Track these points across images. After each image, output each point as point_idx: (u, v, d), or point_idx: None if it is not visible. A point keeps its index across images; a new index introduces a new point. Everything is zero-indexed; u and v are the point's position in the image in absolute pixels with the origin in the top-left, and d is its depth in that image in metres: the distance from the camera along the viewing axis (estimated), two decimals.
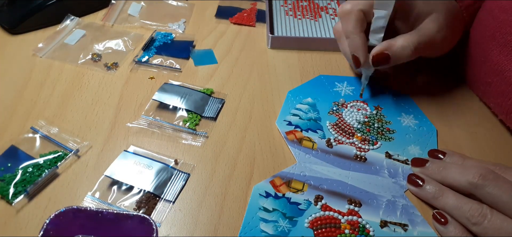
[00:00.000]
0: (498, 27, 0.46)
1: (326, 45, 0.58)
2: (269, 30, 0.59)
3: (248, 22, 0.63)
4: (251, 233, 0.37)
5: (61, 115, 0.47)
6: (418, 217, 0.39)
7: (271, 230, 0.37)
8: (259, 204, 0.39)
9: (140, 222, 0.35)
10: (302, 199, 0.40)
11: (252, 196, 0.40)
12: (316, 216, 0.39)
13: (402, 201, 0.41)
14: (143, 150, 0.44)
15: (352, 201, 0.40)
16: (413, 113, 0.49)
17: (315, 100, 0.51)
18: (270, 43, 0.58)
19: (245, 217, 0.38)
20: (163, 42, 0.58)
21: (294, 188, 0.41)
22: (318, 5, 0.65)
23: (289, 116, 0.48)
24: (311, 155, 0.44)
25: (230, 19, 0.64)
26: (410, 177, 0.42)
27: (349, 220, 0.39)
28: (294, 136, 0.46)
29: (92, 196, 0.39)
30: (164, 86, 0.50)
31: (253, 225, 0.38)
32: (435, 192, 0.40)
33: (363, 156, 0.44)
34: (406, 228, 0.38)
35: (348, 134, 0.47)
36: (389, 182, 0.42)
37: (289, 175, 0.42)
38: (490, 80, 0.47)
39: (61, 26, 0.59)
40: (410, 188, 0.41)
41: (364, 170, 0.43)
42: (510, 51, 0.45)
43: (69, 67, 0.54)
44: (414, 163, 0.43)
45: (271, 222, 0.38)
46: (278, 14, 0.64)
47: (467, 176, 0.38)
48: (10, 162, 0.41)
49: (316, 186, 0.41)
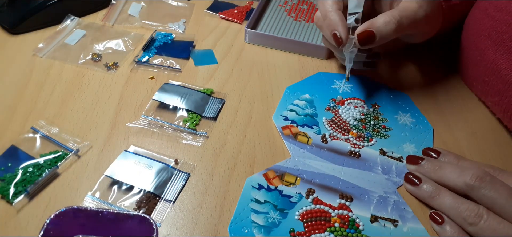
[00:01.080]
0: (493, 26, 0.46)
1: (301, 49, 0.57)
2: (251, 25, 0.60)
3: (235, 18, 0.63)
4: (242, 223, 0.38)
5: (61, 115, 0.47)
6: (409, 213, 0.40)
7: (261, 221, 0.38)
8: (251, 196, 0.40)
9: (140, 222, 0.35)
10: (294, 192, 0.41)
11: (244, 188, 0.41)
12: (307, 209, 0.39)
13: (393, 197, 0.41)
14: (143, 150, 0.44)
15: (344, 196, 0.41)
16: (410, 112, 0.49)
17: (312, 96, 0.51)
18: (247, 37, 0.59)
19: (237, 207, 0.39)
20: (163, 42, 0.58)
21: (287, 181, 0.42)
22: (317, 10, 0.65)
23: (286, 111, 0.49)
24: (306, 150, 0.45)
25: (219, 13, 0.64)
26: (407, 176, 0.42)
27: (339, 214, 0.39)
28: (290, 131, 0.46)
29: (92, 196, 0.39)
30: (164, 86, 0.50)
31: (244, 215, 0.38)
32: (432, 192, 0.40)
33: (357, 152, 0.45)
34: (396, 224, 0.39)
35: (343, 130, 0.47)
36: (381, 178, 0.43)
37: (282, 168, 0.43)
38: (487, 79, 0.48)
39: (61, 26, 0.59)
40: (407, 186, 0.42)
41: (357, 166, 0.44)
42: (505, 50, 0.45)
43: (69, 67, 0.54)
44: (409, 161, 0.43)
45: (262, 213, 0.39)
46: (272, 12, 0.64)
47: (464, 177, 0.38)
48: (10, 162, 0.41)
49: (309, 180, 0.42)
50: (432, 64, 0.57)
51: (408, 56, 0.58)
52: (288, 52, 0.57)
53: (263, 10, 0.64)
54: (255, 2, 0.67)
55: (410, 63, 0.56)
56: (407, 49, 0.58)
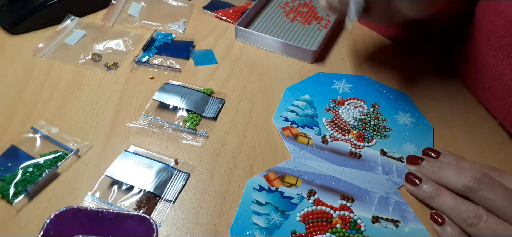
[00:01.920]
0: (492, 30, 0.46)
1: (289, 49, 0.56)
2: (244, 24, 0.60)
3: (229, 18, 0.63)
4: (244, 225, 0.38)
5: (61, 115, 0.47)
6: (410, 213, 0.40)
7: (263, 223, 0.38)
8: (252, 197, 0.40)
9: (140, 222, 0.35)
10: (295, 193, 0.41)
11: (245, 189, 0.40)
12: (308, 210, 0.39)
13: (395, 197, 0.41)
14: (143, 150, 0.44)
15: (345, 197, 0.41)
16: (410, 112, 0.49)
17: (312, 97, 0.51)
18: (237, 35, 0.59)
19: (238, 209, 0.39)
20: (163, 42, 0.58)
21: (288, 182, 0.41)
22: (316, 13, 0.64)
23: (286, 112, 0.49)
24: (306, 151, 0.45)
25: (215, 12, 0.64)
26: (407, 176, 0.42)
27: (340, 215, 0.39)
28: (290, 132, 0.46)
29: (92, 196, 0.39)
30: (164, 86, 0.50)
31: (246, 217, 0.38)
32: (432, 192, 0.40)
33: (358, 153, 0.45)
34: (398, 225, 0.39)
35: (343, 131, 0.47)
36: (382, 178, 0.42)
37: (283, 169, 0.43)
38: (489, 84, 0.47)
39: (61, 26, 0.59)
40: (407, 187, 0.42)
41: (358, 166, 0.44)
42: (505, 55, 0.44)
43: (70, 67, 0.54)
44: (409, 161, 0.43)
45: (263, 215, 0.39)
46: (270, 12, 0.64)
47: (462, 179, 0.38)
48: (10, 162, 0.41)
49: (310, 181, 0.42)
50: (432, 64, 0.57)
51: (408, 56, 0.58)
52: (276, 52, 0.57)
53: (260, 10, 0.64)
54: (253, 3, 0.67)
55: (410, 63, 0.56)
56: (407, 49, 0.58)
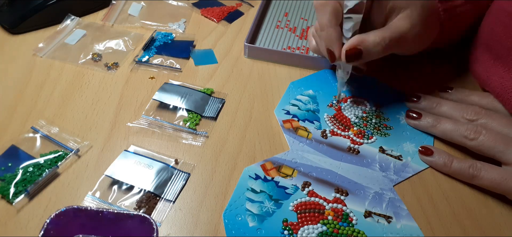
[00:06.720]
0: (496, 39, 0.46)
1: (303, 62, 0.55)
2: (249, 39, 0.57)
3: (213, 17, 0.63)
4: (237, 211, 0.38)
5: (61, 115, 0.47)
6: (404, 210, 0.40)
7: (256, 210, 0.39)
8: (247, 185, 0.40)
9: (140, 222, 0.35)
10: (290, 184, 0.41)
11: (241, 177, 0.41)
12: (301, 200, 0.40)
13: (389, 194, 0.41)
14: (144, 149, 0.44)
15: (339, 190, 0.41)
16: None
17: (316, 92, 0.51)
18: (247, 53, 0.56)
19: (233, 195, 0.39)
20: (163, 42, 0.58)
21: (284, 173, 0.42)
22: None
23: (288, 105, 0.49)
24: (305, 144, 0.45)
25: (201, 10, 0.64)
26: (408, 112, 0.47)
27: (333, 207, 0.40)
28: (290, 125, 0.47)
29: (93, 195, 0.39)
30: (165, 86, 0.50)
31: (239, 203, 0.39)
32: (433, 121, 0.45)
33: (356, 149, 0.45)
34: (390, 220, 0.39)
35: (344, 127, 0.47)
36: (379, 175, 0.43)
37: (280, 160, 0.43)
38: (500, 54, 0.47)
39: (62, 26, 0.59)
40: (409, 121, 0.47)
41: (355, 162, 0.44)
42: None
43: (70, 67, 0.54)
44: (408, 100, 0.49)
45: (257, 202, 0.39)
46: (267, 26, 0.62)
47: (462, 111, 0.45)
48: (10, 162, 0.41)
49: (306, 173, 0.42)
50: (432, 64, 0.57)
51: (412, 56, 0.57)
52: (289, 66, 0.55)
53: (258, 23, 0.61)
54: (243, 5, 0.66)
55: (412, 64, 0.56)
56: None
